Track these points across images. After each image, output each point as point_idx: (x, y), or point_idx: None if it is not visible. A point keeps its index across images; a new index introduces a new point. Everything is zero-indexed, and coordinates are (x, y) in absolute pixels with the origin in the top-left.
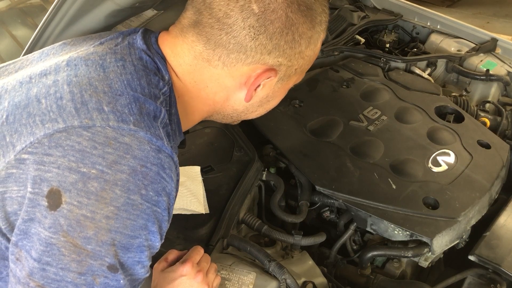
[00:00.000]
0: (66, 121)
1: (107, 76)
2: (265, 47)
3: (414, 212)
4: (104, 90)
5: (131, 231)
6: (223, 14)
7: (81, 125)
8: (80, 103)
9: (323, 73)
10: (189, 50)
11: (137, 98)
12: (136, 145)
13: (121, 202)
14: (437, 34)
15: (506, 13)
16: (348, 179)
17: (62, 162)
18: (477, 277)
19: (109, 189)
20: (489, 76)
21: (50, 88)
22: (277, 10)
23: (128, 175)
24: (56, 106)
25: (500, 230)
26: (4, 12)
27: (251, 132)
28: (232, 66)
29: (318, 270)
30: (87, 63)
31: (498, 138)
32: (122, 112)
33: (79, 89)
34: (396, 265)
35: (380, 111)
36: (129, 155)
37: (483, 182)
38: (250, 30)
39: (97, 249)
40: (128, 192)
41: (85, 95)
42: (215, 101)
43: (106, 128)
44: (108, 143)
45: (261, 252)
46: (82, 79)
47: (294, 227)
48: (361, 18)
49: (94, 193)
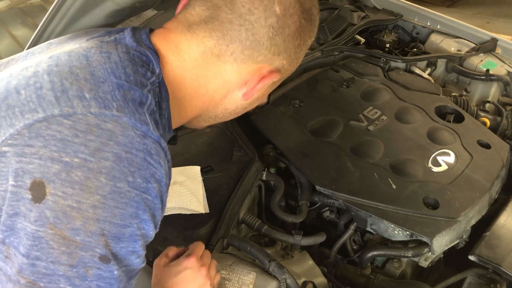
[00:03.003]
0: (46, 110)
1: (90, 64)
2: (278, 47)
3: (414, 212)
4: (85, 78)
5: (121, 220)
6: (247, 11)
7: (61, 114)
8: (60, 91)
9: (323, 73)
10: (198, 46)
11: (121, 85)
12: (120, 131)
13: (107, 190)
14: (437, 34)
15: (506, 13)
16: (348, 179)
17: (43, 152)
18: (477, 277)
19: (94, 177)
20: (489, 76)
21: (30, 79)
22: (294, 15)
23: (113, 162)
24: (35, 96)
25: (500, 230)
26: (4, 12)
27: (251, 132)
28: (243, 63)
29: (318, 270)
30: (70, 55)
31: (498, 138)
32: (104, 99)
33: (59, 77)
34: (396, 265)
35: (380, 111)
36: (112, 142)
37: (483, 182)
38: (269, 30)
39: (86, 240)
40: (113, 179)
41: (65, 83)
42: (212, 98)
43: (88, 115)
44: (90, 130)
45: (261, 252)
46: (63, 68)
47: (294, 227)
48: (361, 18)
49: (78, 183)
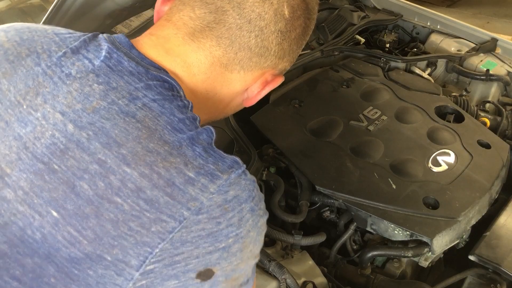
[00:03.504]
0: (175, 217)
1: (149, 127)
2: (284, 52)
3: (414, 212)
4: (168, 151)
5: (260, 242)
6: (257, 16)
7: (193, 214)
8: (166, 185)
9: (323, 73)
10: (207, 57)
11: (191, 138)
12: (239, 190)
13: (255, 236)
14: (437, 34)
15: (506, 13)
16: (348, 179)
17: (198, 252)
18: (477, 277)
19: (247, 238)
20: (489, 76)
21: (107, 177)
22: (301, 17)
23: (251, 217)
24: (143, 202)
25: (500, 230)
26: (4, 12)
27: (251, 132)
28: (249, 70)
29: (318, 270)
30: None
31: (498, 138)
32: (203, 167)
33: (146, 165)
34: (396, 265)
35: (380, 111)
36: (243, 204)
37: (483, 182)
38: (278, 35)
39: (245, 275)
40: (256, 225)
41: (160, 171)
42: (218, 108)
43: (213, 198)
44: (225, 210)
45: (261, 252)
46: (133, 146)
47: (294, 227)
48: (361, 18)
49: (238, 250)
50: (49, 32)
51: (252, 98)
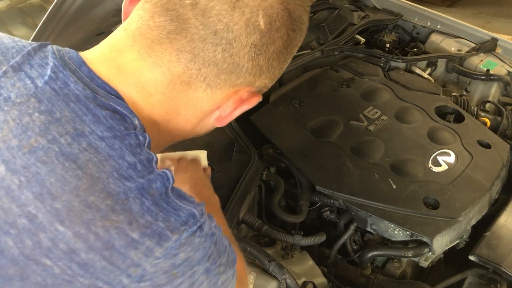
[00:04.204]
0: (112, 284)
1: (91, 176)
2: (260, 68)
3: (414, 212)
4: (110, 207)
5: None
6: (224, 27)
7: (132, 280)
8: (104, 248)
9: (323, 73)
10: (164, 74)
11: (141, 188)
12: (191, 251)
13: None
14: (437, 34)
15: (507, 13)
16: (348, 179)
17: None
18: (478, 277)
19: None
20: (490, 76)
21: (36, 235)
22: (281, 28)
23: (207, 279)
24: (77, 266)
25: (501, 230)
26: (4, 12)
27: (251, 132)
28: (217, 88)
29: (318, 270)
30: (41, 158)
31: (498, 138)
32: (150, 226)
33: (82, 223)
34: (396, 265)
35: (380, 111)
36: (195, 267)
37: (484, 182)
38: (251, 49)
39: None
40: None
41: (98, 231)
42: (184, 130)
43: (158, 264)
44: (172, 276)
45: (261, 252)
46: (69, 200)
47: (294, 227)
48: (361, 18)
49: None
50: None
51: (225, 117)
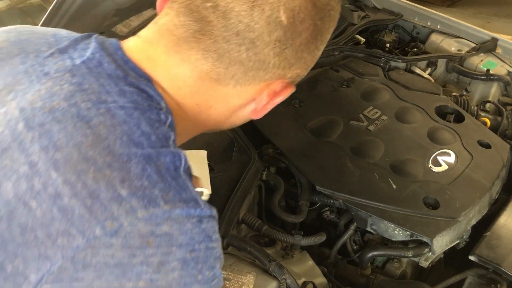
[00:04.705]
0: (84, 233)
1: (98, 134)
2: (289, 61)
3: (414, 212)
4: (107, 162)
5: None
6: (245, 27)
7: (105, 232)
8: (88, 196)
9: (323, 73)
10: (192, 70)
11: (148, 155)
12: (177, 230)
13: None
14: (437, 34)
15: (507, 13)
16: (348, 179)
17: (99, 284)
18: (478, 277)
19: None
20: (490, 76)
21: (32, 179)
22: (306, 19)
23: (180, 270)
24: (57, 209)
25: (501, 230)
26: (4, 12)
27: (251, 132)
28: (247, 85)
29: (318, 270)
30: (58, 118)
31: (498, 138)
32: (143, 189)
33: (75, 172)
34: (396, 265)
35: (380, 111)
36: (174, 247)
37: (484, 182)
38: (276, 45)
39: None
40: (185, 287)
41: (88, 181)
42: (216, 121)
43: (137, 224)
44: (146, 243)
45: (261, 252)
46: (70, 152)
47: (294, 227)
48: (361, 18)
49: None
50: (48, 34)
51: (260, 110)
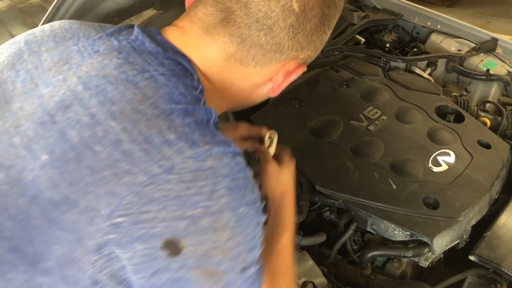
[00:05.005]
0: (145, 172)
1: (145, 93)
2: (301, 44)
3: (414, 212)
4: (155, 114)
5: (251, 235)
6: (263, 15)
7: (162, 171)
8: (144, 141)
9: (323, 73)
10: (221, 52)
11: (185, 110)
12: (219, 164)
13: (233, 221)
14: (437, 34)
15: (507, 13)
16: (348, 179)
17: (164, 215)
18: (478, 277)
19: (219, 218)
20: (490, 76)
21: (94, 128)
22: (315, 7)
23: (228, 196)
24: (119, 153)
25: (501, 230)
26: (4, 12)
27: None
28: (265, 65)
29: (318, 270)
30: (110, 81)
31: (498, 138)
32: (186, 134)
33: (130, 121)
34: (396, 265)
35: (380, 111)
36: (219, 178)
37: (484, 182)
38: (290, 30)
39: (229, 266)
40: (234, 210)
41: (142, 128)
42: (240, 97)
43: (186, 162)
44: (197, 177)
45: None
46: (123, 106)
47: None
48: (361, 18)
49: (208, 228)
50: (95, 24)
51: (276, 88)
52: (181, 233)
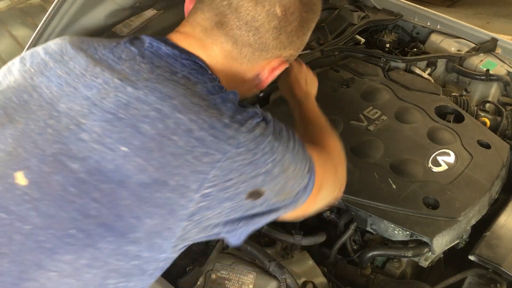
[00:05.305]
0: (219, 151)
1: (190, 89)
2: (283, 44)
3: (414, 212)
4: (206, 105)
5: (302, 155)
6: (251, 18)
7: (234, 148)
8: (210, 128)
9: (323, 73)
10: (220, 51)
11: (222, 98)
12: (264, 128)
13: (291, 157)
14: (437, 34)
15: (506, 13)
16: (348, 179)
17: (244, 178)
18: (477, 277)
19: (284, 161)
20: (489, 76)
21: (164, 120)
22: (295, 12)
23: (281, 144)
24: (194, 140)
25: (500, 230)
26: (4, 12)
27: None
28: (254, 62)
29: (318, 270)
30: (155, 81)
31: (498, 138)
32: (233, 116)
33: (193, 113)
34: (396, 265)
35: (380, 111)
36: (269, 136)
37: (483, 182)
38: (274, 31)
39: (298, 182)
40: (288, 150)
41: (204, 117)
42: (240, 90)
43: (246, 136)
44: (257, 144)
45: (261, 252)
46: (181, 100)
47: (294, 227)
48: (361, 18)
49: (280, 172)
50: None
51: (263, 82)
52: (260, 184)
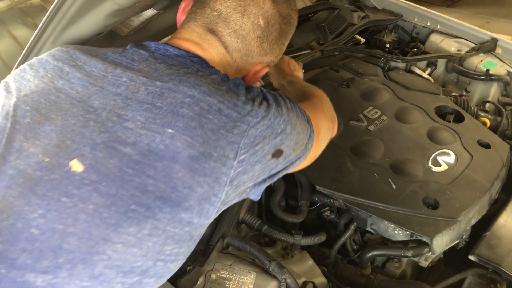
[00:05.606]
0: (245, 123)
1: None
2: (265, 51)
3: (414, 212)
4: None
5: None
6: (239, 27)
7: (254, 118)
8: (233, 106)
9: (323, 73)
10: (217, 53)
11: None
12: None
13: (296, 116)
14: (437, 34)
15: (506, 13)
16: (348, 179)
17: (267, 140)
18: (477, 277)
19: (291, 120)
20: (489, 76)
21: (199, 104)
22: (275, 24)
23: (285, 107)
24: (224, 117)
25: (500, 230)
26: (4, 12)
27: None
28: (241, 66)
29: (318, 270)
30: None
31: (498, 138)
32: (246, 96)
33: (219, 96)
34: (396, 265)
35: (380, 111)
36: (274, 104)
37: (483, 182)
38: (258, 40)
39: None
40: (293, 110)
41: (228, 98)
42: None
43: (259, 108)
44: (268, 111)
45: (261, 252)
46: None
47: (294, 227)
48: (361, 18)
49: (291, 129)
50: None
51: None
52: (279, 143)
